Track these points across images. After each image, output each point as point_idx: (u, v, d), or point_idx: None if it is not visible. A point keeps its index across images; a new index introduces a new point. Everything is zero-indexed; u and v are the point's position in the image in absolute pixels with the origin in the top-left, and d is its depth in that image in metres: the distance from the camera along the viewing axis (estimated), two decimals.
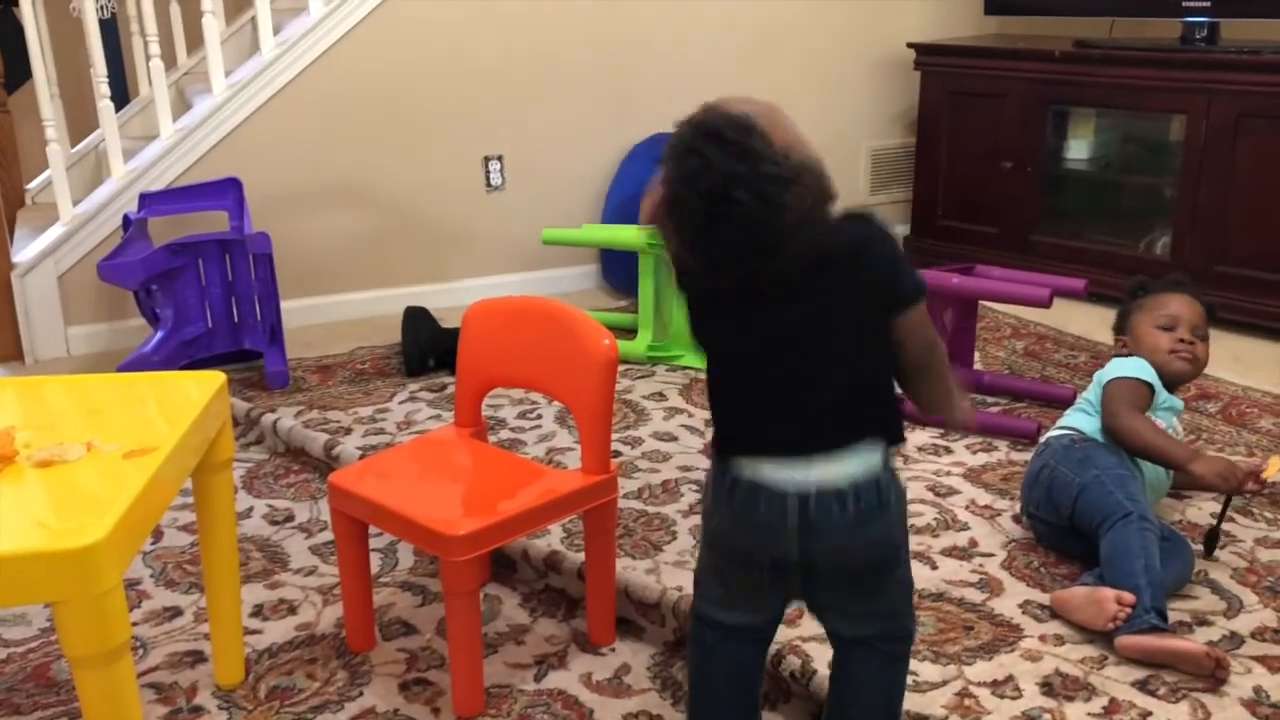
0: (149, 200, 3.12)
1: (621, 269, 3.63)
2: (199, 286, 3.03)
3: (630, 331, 3.22)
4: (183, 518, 2.26)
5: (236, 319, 3.10)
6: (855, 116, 4.22)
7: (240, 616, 1.78)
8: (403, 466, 1.86)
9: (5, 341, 3.20)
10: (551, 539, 2.10)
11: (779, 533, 1.29)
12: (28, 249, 3.24)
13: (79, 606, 1.21)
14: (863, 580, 1.34)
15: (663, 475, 2.43)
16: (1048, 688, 1.72)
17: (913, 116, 4.19)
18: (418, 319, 3.22)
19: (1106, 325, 2.38)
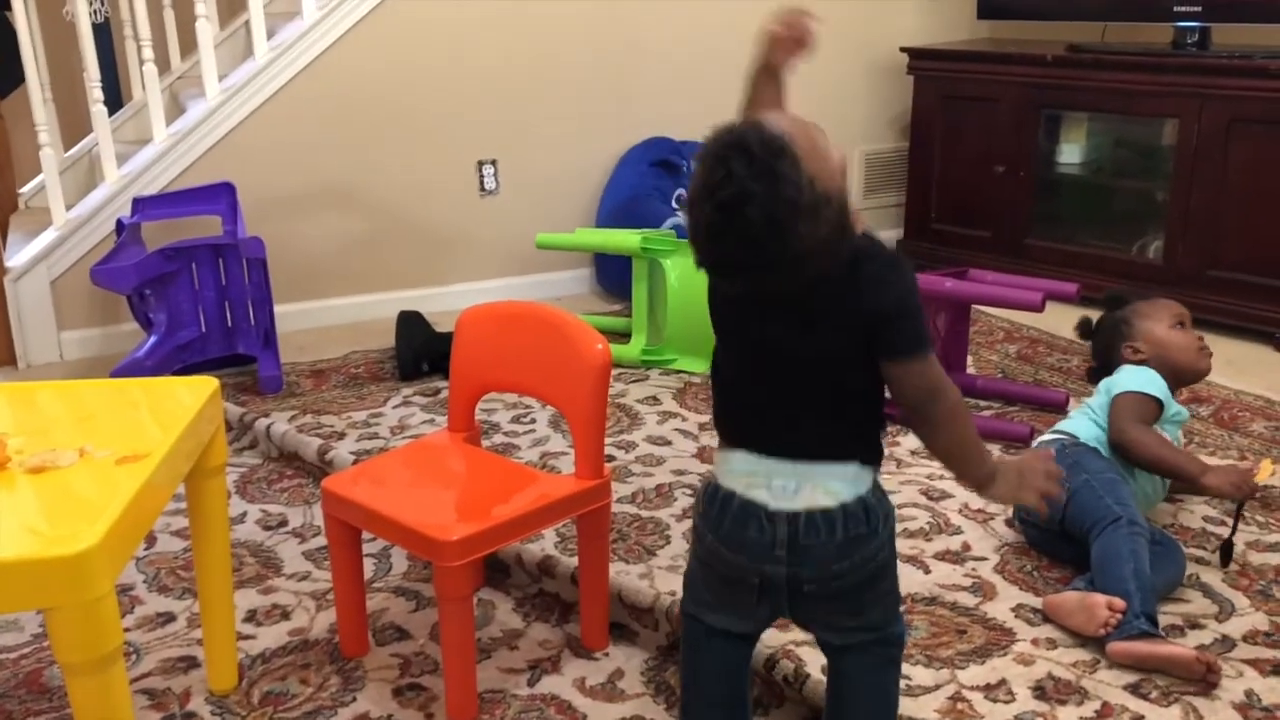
0: (142, 205, 3.12)
1: (615, 273, 3.63)
2: (192, 291, 3.02)
3: (624, 335, 3.22)
4: (176, 523, 2.25)
5: (230, 323, 3.10)
6: (848, 120, 4.22)
7: (233, 622, 1.77)
8: (396, 471, 1.86)
9: None
10: (545, 544, 2.10)
11: (768, 554, 1.31)
12: (21, 253, 3.23)
13: (71, 613, 1.21)
14: (849, 598, 1.35)
15: (656, 479, 2.44)
16: (1040, 692, 1.72)
17: (906, 120, 4.20)
18: (411, 323, 3.22)
19: None
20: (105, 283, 2.84)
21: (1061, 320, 3.34)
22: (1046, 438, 2.17)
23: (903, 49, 4.06)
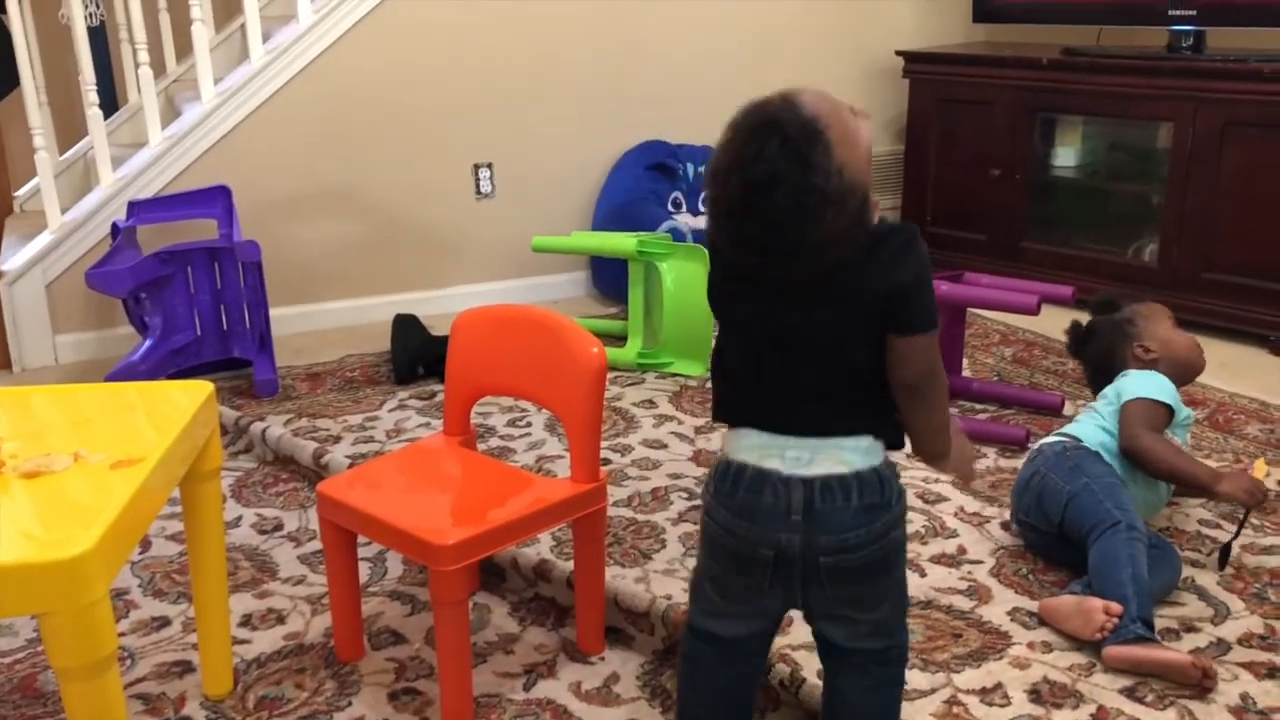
0: (137, 208, 3.11)
1: (611, 276, 3.63)
2: (188, 294, 3.02)
3: (620, 339, 3.22)
4: (171, 527, 2.25)
5: (225, 327, 3.09)
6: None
7: (229, 626, 1.77)
8: (391, 475, 1.85)
9: None
10: (540, 547, 2.10)
11: (783, 521, 1.29)
12: (16, 257, 3.23)
13: (65, 618, 1.20)
14: (863, 579, 1.33)
15: (652, 483, 2.43)
16: (1036, 695, 1.72)
17: (902, 124, 4.20)
18: (407, 327, 3.21)
19: None
20: (100, 286, 2.83)
21: (1057, 323, 3.33)
22: (1049, 439, 2.16)
23: (898, 52, 4.07)
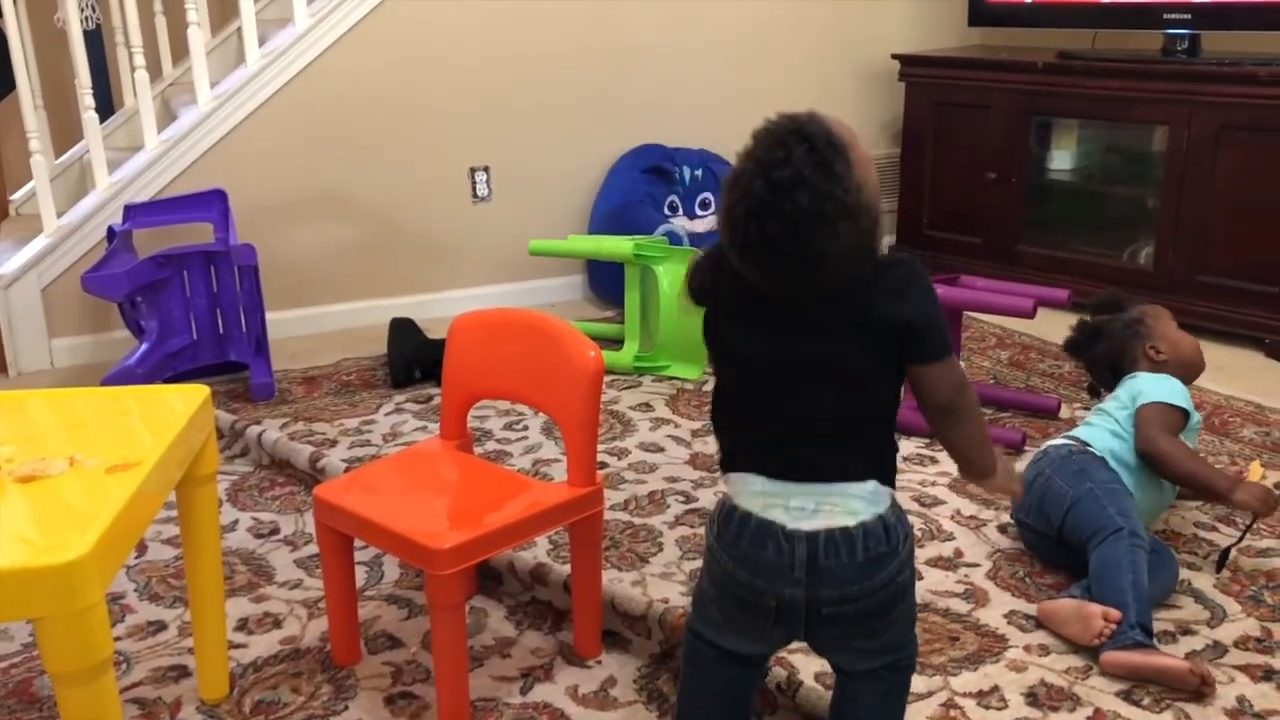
0: (133, 212, 3.11)
1: (608, 280, 3.63)
2: (184, 298, 3.02)
3: (616, 342, 3.22)
4: (167, 531, 2.25)
5: (221, 331, 3.09)
6: None
7: (225, 630, 1.77)
8: (388, 479, 1.85)
9: None
10: (537, 551, 2.10)
11: (786, 577, 1.29)
12: (11, 260, 3.22)
13: (61, 623, 1.20)
14: (866, 622, 1.33)
15: (649, 486, 2.43)
16: (1033, 698, 1.72)
17: (898, 127, 4.20)
18: (403, 330, 3.21)
19: None
20: (96, 290, 2.83)
21: (1053, 326, 3.35)
22: (1056, 442, 2.15)
23: (894, 56, 4.07)
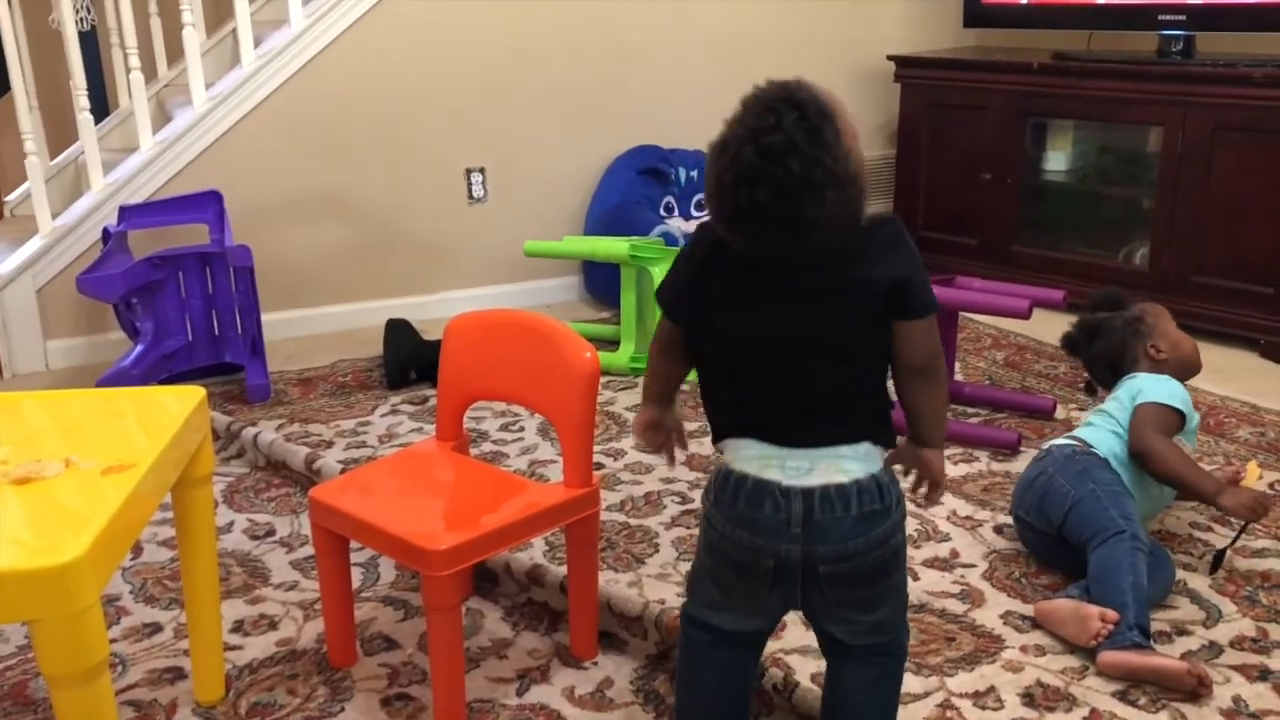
0: (129, 213, 3.11)
1: (604, 281, 3.63)
2: (179, 300, 3.01)
3: (613, 343, 3.22)
4: (162, 533, 2.24)
5: (217, 332, 3.09)
6: None
7: (220, 632, 1.77)
8: (384, 481, 1.85)
9: None
10: (533, 552, 2.10)
11: (783, 532, 1.30)
12: (6, 262, 3.22)
13: (56, 624, 1.20)
14: (862, 584, 1.34)
15: (645, 487, 2.43)
16: (1029, 699, 1.72)
17: (893, 128, 4.21)
18: (399, 331, 3.21)
19: None
20: (92, 291, 2.82)
21: (1048, 327, 3.35)
22: (1059, 441, 2.15)
23: (890, 57, 4.08)
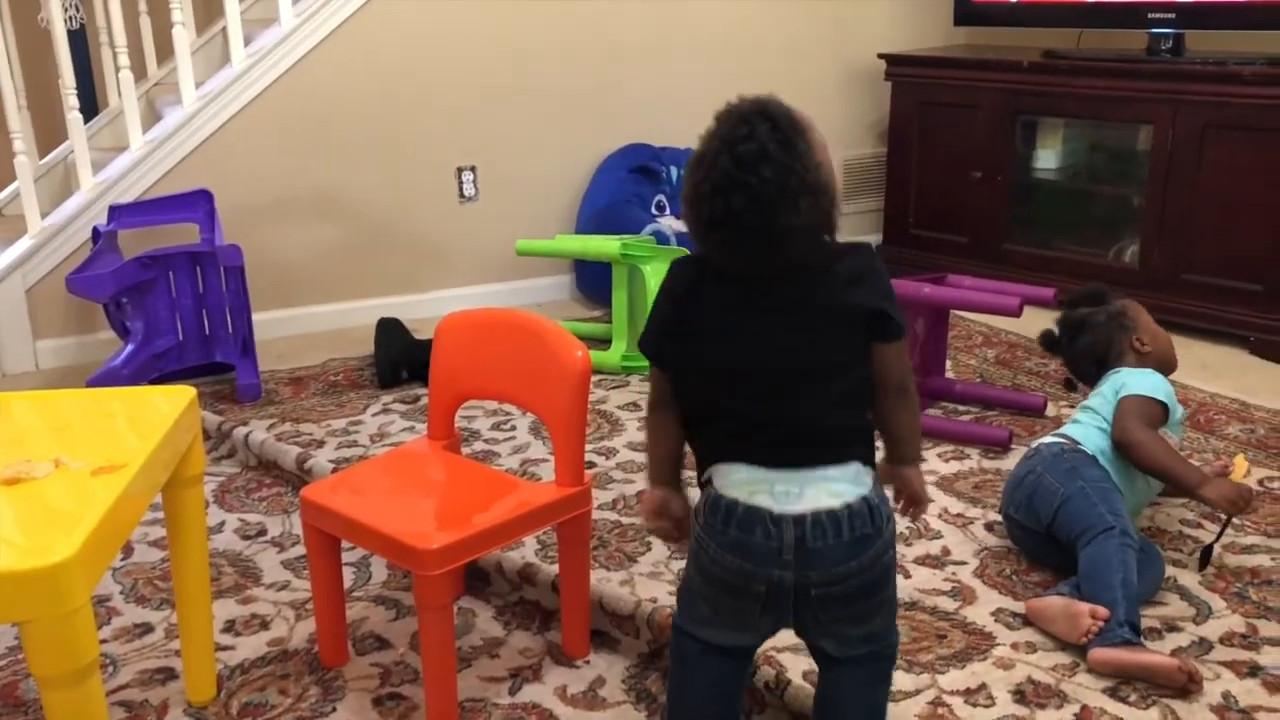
0: (118, 212, 3.10)
1: (595, 279, 3.63)
2: (170, 299, 3.01)
3: (604, 342, 3.22)
4: (153, 533, 2.24)
5: (208, 331, 3.08)
6: (827, 126, 4.11)
7: (212, 632, 1.76)
8: (375, 480, 1.85)
9: None
10: (525, 551, 2.10)
11: (775, 559, 1.30)
12: None
13: (46, 625, 1.20)
14: (854, 603, 1.35)
15: (637, 486, 2.43)
16: (1020, 695, 1.73)
17: (884, 126, 4.22)
18: (391, 330, 3.21)
19: None
20: (81, 291, 2.81)
21: (1039, 325, 3.36)
22: (1047, 440, 2.16)
23: (880, 55, 4.08)
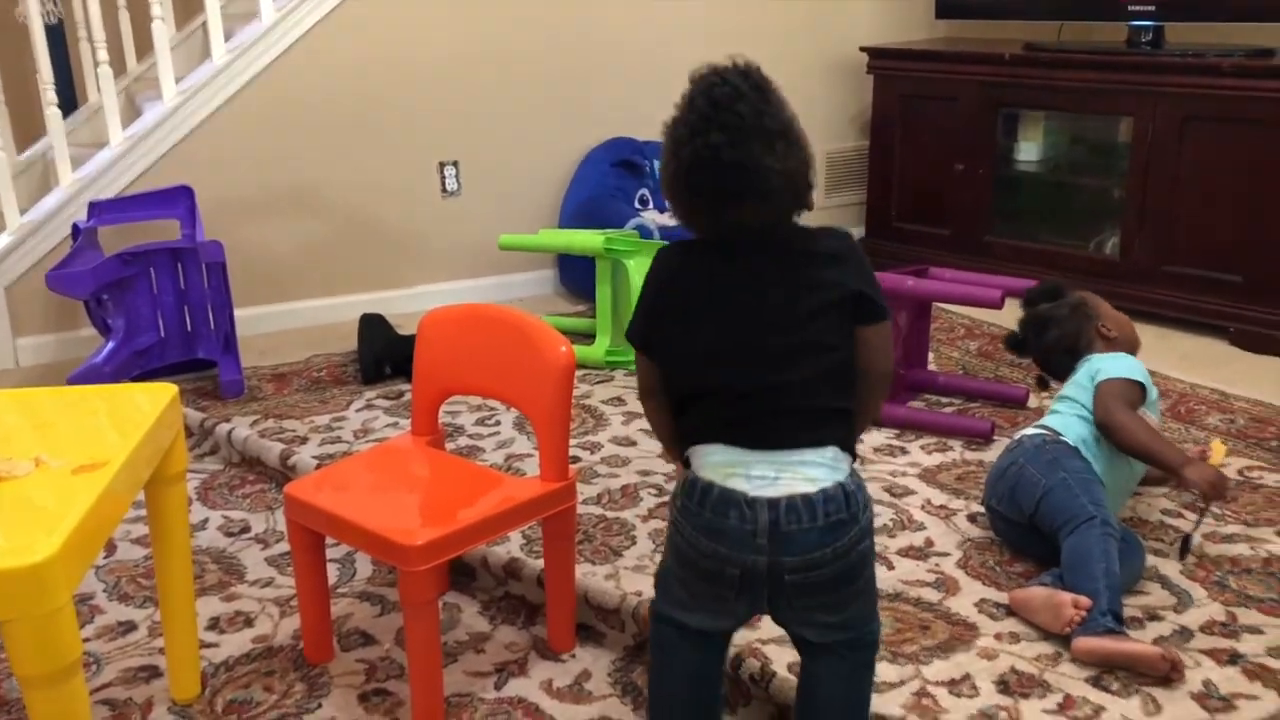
0: (98, 209, 3.08)
1: (579, 274, 3.63)
2: (151, 296, 2.99)
3: (588, 336, 3.22)
4: (136, 530, 2.23)
5: (190, 328, 3.06)
6: (810, 120, 4.15)
7: (196, 630, 1.76)
8: (359, 476, 1.85)
9: None
10: (510, 546, 2.10)
11: (749, 543, 1.31)
12: None
13: (28, 625, 1.19)
14: (829, 590, 1.35)
15: (622, 480, 2.44)
16: (1004, 685, 1.74)
17: (866, 119, 4.23)
18: (374, 326, 3.20)
19: None
20: (61, 288, 2.80)
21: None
22: (1029, 431, 2.18)
23: (862, 48, 4.09)
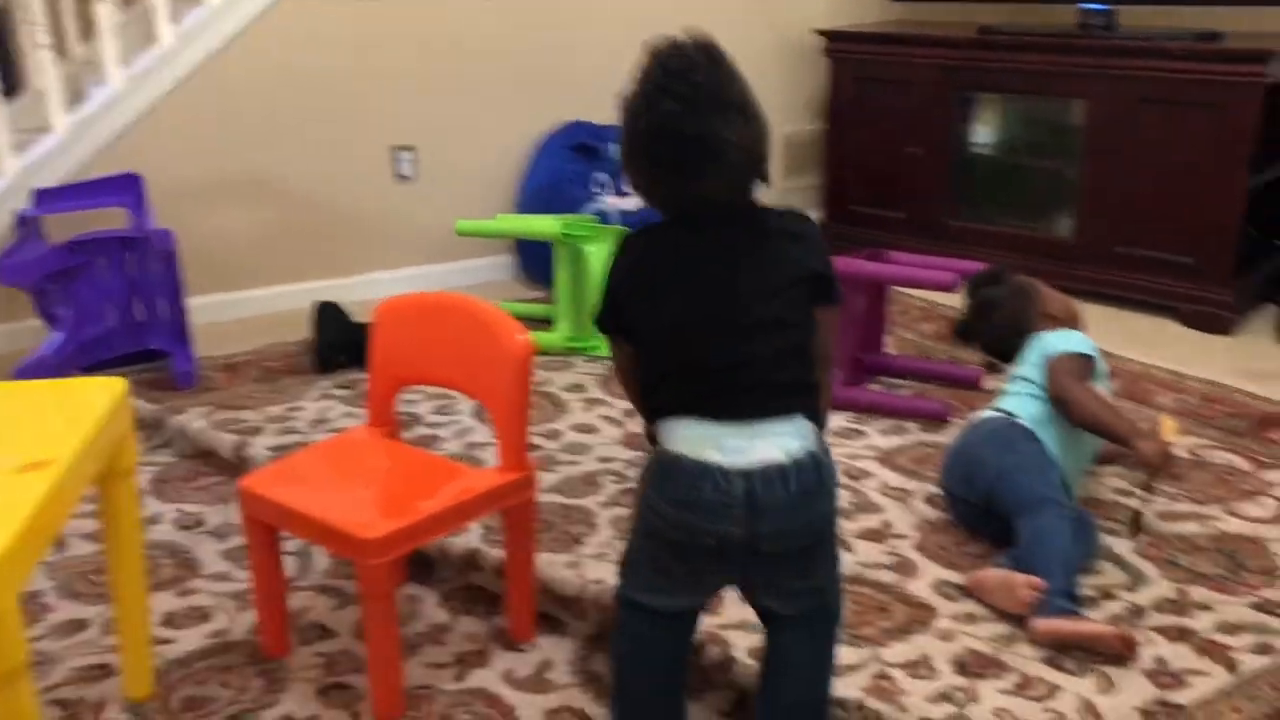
0: (44, 197, 3.01)
1: (538, 259, 3.61)
2: (99, 285, 2.93)
3: (547, 322, 3.21)
4: (86, 526, 2.19)
5: (140, 318, 3.01)
6: (766, 102, 4.10)
7: (149, 626, 1.73)
8: (315, 468, 1.82)
9: None
10: (470, 537, 2.08)
11: (724, 514, 1.31)
12: None
13: None
14: (800, 557, 1.38)
15: (582, 468, 2.43)
16: (961, 666, 1.76)
17: (820, 102, 4.23)
18: (328, 314, 3.16)
19: None
20: (5, 278, 2.74)
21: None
22: (985, 414, 2.20)
23: (818, 31, 4.09)
